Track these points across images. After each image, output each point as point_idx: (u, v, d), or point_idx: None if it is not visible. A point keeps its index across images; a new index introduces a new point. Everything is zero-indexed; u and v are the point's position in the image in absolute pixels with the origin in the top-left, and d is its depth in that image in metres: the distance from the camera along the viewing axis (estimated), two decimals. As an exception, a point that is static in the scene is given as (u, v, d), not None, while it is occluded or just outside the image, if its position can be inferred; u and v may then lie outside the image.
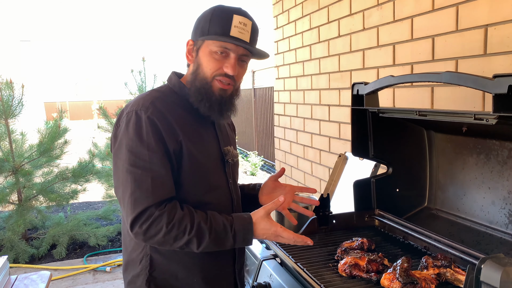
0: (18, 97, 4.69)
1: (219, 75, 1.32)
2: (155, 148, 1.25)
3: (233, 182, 1.49)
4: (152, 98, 1.32)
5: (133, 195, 1.22)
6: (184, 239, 1.23)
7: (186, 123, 1.33)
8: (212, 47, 1.30)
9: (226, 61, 1.31)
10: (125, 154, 1.25)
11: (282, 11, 3.84)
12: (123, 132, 1.28)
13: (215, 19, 1.30)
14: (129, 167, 1.24)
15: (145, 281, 1.35)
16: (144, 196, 1.22)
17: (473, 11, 1.72)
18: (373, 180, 1.84)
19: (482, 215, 1.55)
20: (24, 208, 4.73)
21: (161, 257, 1.35)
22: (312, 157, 3.37)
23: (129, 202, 1.23)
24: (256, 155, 10.07)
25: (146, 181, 1.23)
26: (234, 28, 1.29)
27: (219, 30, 1.29)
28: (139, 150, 1.24)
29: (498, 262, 0.94)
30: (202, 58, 1.33)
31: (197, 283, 1.38)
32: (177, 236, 1.22)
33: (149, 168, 1.24)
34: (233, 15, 1.29)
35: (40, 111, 17.80)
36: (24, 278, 2.59)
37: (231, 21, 1.29)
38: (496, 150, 1.47)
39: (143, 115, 1.26)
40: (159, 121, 1.26)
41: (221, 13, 1.30)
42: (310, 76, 3.33)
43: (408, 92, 2.15)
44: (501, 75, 1.07)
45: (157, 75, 5.72)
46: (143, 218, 1.21)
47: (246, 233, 1.28)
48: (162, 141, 1.26)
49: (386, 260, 1.40)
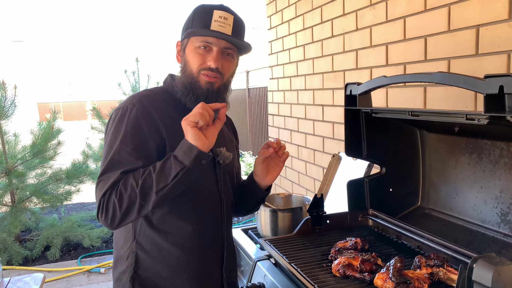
0: (11, 98, 4.66)
1: (203, 69, 1.35)
2: (128, 142, 1.27)
3: (224, 184, 1.48)
4: (141, 96, 1.37)
5: (97, 185, 1.28)
6: (138, 195, 1.19)
7: (173, 121, 1.33)
8: (195, 43, 1.35)
9: (209, 55, 1.35)
10: (106, 146, 1.31)
11: (275, 11, 3.84)
12: (108, 128, 1.34)
13: (197, 16, 1.36)
14: (104, 155, 1.30)
15: (129, 278, 1.35)
16: (101, 186, 1.26)
17: (464, 11, 1.73)
18: (367, 180, 1.85)
19: (474, 214, 1.56)
20: (17, 210, 4.69)
21: (146, 255, 1.35)
22: (306, 157, 3.37)
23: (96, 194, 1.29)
24: (250, 155, 10.07)
25: (108, 170, 1.26)
26: (214, 23, 1.33)
27: (200, 26, 1.34)
28: (113, 143, 1.28)
29: (490, 262, 0.95)
30: (188, 55, 1.37)
31: (181, 282, 1.37)
32: (130, 199, 1.20)
33: (111, 157, 1.27)
34: (213, 11, 1.34)
35: (33, 112, 17.68)
36: (17, 280, 2.58)
37: (211, 16, 1.33)
38: (488, 150, 1.48)
39: (128, 111, 1.31)
40: (142, 117, 1.30)
41: (202, 9, 1.36)
42: (303, 76, 3.33)
43: (401, 92, 2.16)
44: (492, 76, 1.07)
45: (150, 76, 5.71)
46: (100, 206, 1.24)
47: (181, 145, 1.22)
48: (141, 136, 1.29)
49: (379, 260, 1.41)
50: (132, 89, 5.62)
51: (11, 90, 4.65)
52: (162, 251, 1.34)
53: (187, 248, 1.37)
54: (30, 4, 15.97)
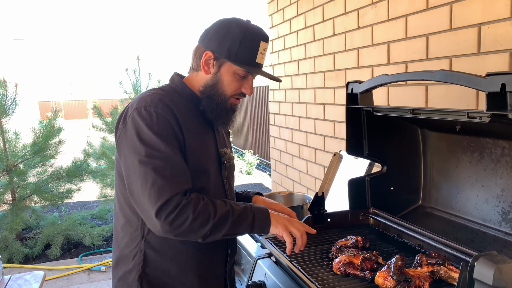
0: (12, 96, 4.65)
1: (237, 94, 1.40)
2: (169, 140, 1.26)
3: (228, 184, 1.51)
4: (159, 95, 1.34)
5: (155, 184, 1.21)
6: (209, 225, 1.23)
7: (189, 122, 1.35)
8: (236, 69, 1.36)
9: (245, 82, 1.40)
10: (140, 147, 1.25)
11: (277, 9, 3.84)
12: (132, 129, 1.28)
13: (245, 45, 1.34)
14: (146, 159, 1.23)
15: (137, 277, 1.35)
16: (167, 184, 1.21)
17: (466, 10, 1.73)
18: (368, 179, 1.84)
19: (475, 213, 1.56)
20: (18, 208, 4.69)
21: (155, 254, 1.36)
22: (307, 155, 3.37)
23: (152, 192, 1.21)
24: (251, 154, 10.07)
25: (166, 170, 1.23)
26: (259, 55, 1.36)
27: (247, 58, 1.35)
28: (155, 142, 1.25)
29: (491, 260, 0.95)
30: (224, 76, 1.37)
31: (189, 280, 1.39)
32: (202, 223, 1.22)
33: (167, 158, 1.24)
34: (260, 42, 1.35)
35: (34, 110, 17.69)
36: (18, 278, 2.58)
37: (258, 48, 1.35)
38: (490, 148, 1.48)
39: (153, 110, 1.28)
40: (168, 116, 1.29)
41: (251, 39, 1.35)
42: (305, 75, 3.33)
43: (402, 90, 2.16)
44: (494, 74, 1.07)
45: (151, 74, 5.70)
46: (170, 207, 1.20)
47: (264, 218, 1.33)
48: (174, 134, 1.28)
49: (380, 258, 1.41)
50: (133, 88, 5.61)
51: (12, 89, 4.64)
52: (172, 248, 1.35)
53: (196, 246, 1.38)
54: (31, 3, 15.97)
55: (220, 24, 1.37)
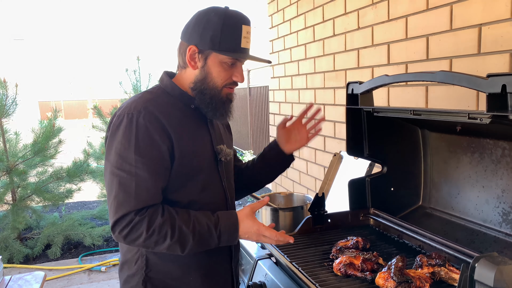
0: (12, 96, 4.65)
1: (228, 84, 1.37)
2: (143, 153, 1.25)
3: (227, 181, 1.49)
4: (145, 101, 1.32)
5: (116, 198, 1.23)
6: (166, 244, 1.24)
7: (179, 123, 1.33)
8: (222, 58, 1.32)
9: (234, 70, 1.36)
10: (113, 156, 1.26)
11: (276, 10, 3.84)
12: (112, 135, 1.29)
13: (227, 32, 1.30)
14: (115, 170, 1.25)
15: (141, 281, 1.35)
16: (127, 200, 1.22)
17: (467, 10, 1.73)
18: (368, 179, 1.84)
19: (476, 214, 1.56)
20: (18, 208, 4.69)
21: (157, 257, 1.36)
22: (307, 156, 3.37)
23: (112, 204, 1.24)
24: (251, 154, 10.07)
25: (130, 185, 1.23)
26: (243, 40, 1.32)
27: (232, 45, 1.31)
28: (126, 154, 1.24)
29: (492, 261, 0.95)
30: (212, 68, 1.34)
31: (193, 281, 1.38)
32: (157, 241, 1.24)
33: (134, 173, 1.24)
34: (242, 26, 1.32)
35: (34, 110, 17.71)
36: (18, 278, 2.58)
37: (241, 33, 1.31)
38: (490, 149, 1.48)
39: (134, 119, 1.26)
40: (151, 125, 1.26)
41: (232, 25, 1.31)
42: (305, 75, 3.33)
43: (402, 91, 2.16)
44: (494, 75, 1.07)
45: (151, 74, 5.70)
46: (124, 223, 1.22)
47: (232, 233, 1.30)
48: (155, 144, 1.26)
49: (381, 259, 1.41)
50: (133, 88, 5.60)
51: (12, 89, 4.64)
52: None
53: None
54: (31, 3, 15.97)
55: (199, 16, 1.34)
